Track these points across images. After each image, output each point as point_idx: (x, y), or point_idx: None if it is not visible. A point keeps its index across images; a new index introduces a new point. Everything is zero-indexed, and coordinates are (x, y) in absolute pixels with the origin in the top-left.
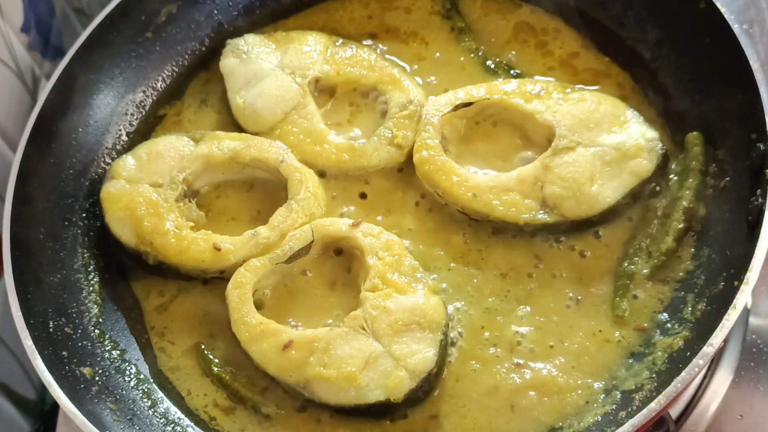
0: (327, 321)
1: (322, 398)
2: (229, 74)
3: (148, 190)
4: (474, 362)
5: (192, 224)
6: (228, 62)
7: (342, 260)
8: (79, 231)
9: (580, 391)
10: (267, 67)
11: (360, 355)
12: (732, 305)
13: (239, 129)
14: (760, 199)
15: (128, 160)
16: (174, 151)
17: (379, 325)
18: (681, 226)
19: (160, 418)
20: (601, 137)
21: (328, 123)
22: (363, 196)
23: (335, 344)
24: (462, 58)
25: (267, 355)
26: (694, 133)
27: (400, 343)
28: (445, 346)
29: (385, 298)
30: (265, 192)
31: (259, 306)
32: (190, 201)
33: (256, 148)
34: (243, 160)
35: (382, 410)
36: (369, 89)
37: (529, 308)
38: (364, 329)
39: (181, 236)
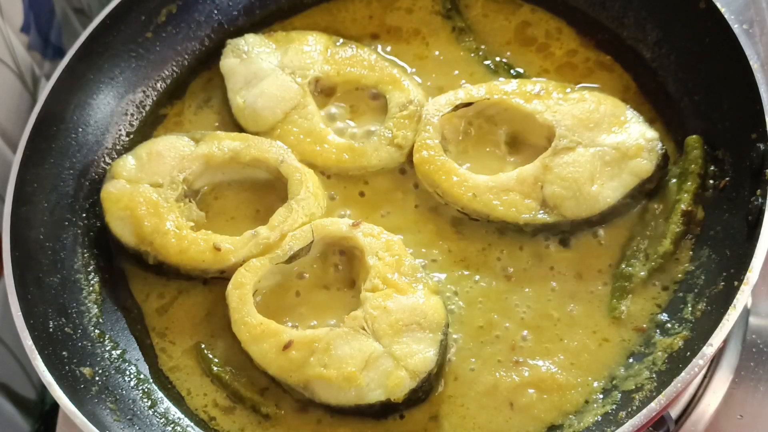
0: (327, 321)
1: (323, 398)
2: (230, 74)
3: (148, 190)
4: (473, 360)
5: (192, 224)
6: (228, 62)
7: (342, 260)
8: (79, 231)
9: (579, 389)
10: (267, 67)
11: (360, 355)
12: (732, 305)
13: (239, 129)
14: (760, 199)
15: (128, 160)
16: (174, 151)
17: (380, 325)
18: (679, 229)
19: (160, 418)
20: (601, 137)
21: (328, 123)
22: (363, 195)
23: (335, 344)
24: (462, 58)
25: (267, 355)
26: (694, 136)
27: (400, 343)
28: (445, 346)
29: (385, 298)
30: (265, 192)
31: (258, 306)
32: (190, 201)
33: (257, 148)
34: (243, 160)
35: (383, 410)
36: (369, 89)
37: (528, 307)
38: (364, 329)
39: (182, 236)
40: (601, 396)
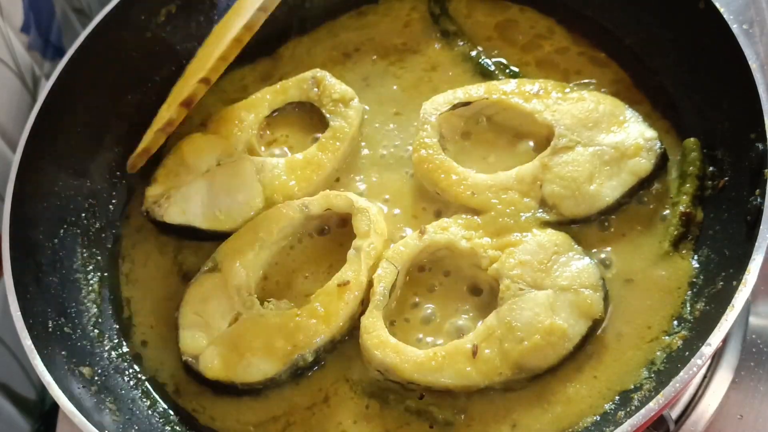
0: (462, 319)
1: (543, 366)
2: (185, 216)
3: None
4: None
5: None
6: (172, 213)
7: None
8: (78, 231)
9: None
10: (197, 182)
11: (542, 308)
12: (731, 305)
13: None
14: (758, 199)
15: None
16: (220, 291)
17: (531, 275)
18: (678, 231)
19: (160, 418)
20: (600, 136)
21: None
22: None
23: (514, 317)
24: (457, 62)
25: (464, 373)
26: (692, 138)
27: (559, 276)
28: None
29: (512, 255)
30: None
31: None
32: (268, 302)
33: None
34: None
35: (591, 335)
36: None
37: None
38: (522, 290)
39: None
40: (601, 396)
